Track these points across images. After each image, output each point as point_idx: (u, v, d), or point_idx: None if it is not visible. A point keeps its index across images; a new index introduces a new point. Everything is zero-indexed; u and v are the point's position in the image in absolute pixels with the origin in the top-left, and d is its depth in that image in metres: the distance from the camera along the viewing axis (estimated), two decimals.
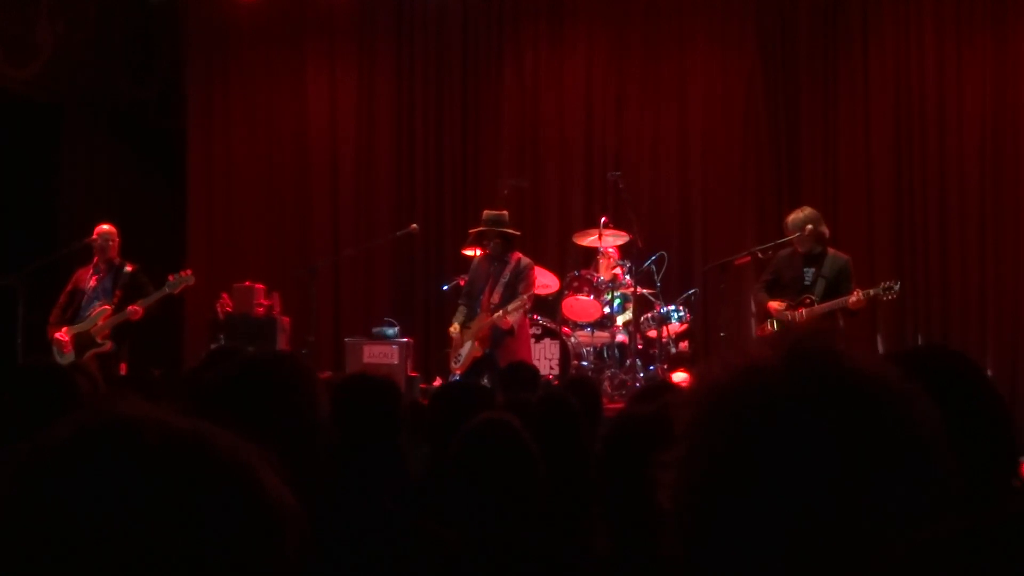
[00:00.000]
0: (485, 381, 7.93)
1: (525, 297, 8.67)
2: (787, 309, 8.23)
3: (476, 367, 8.63)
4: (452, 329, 8.92)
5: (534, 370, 6.37)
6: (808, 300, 8.21)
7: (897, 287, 8.27)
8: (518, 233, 9.05)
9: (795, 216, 8.49)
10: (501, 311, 8.61)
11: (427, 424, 4.25)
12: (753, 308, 10.62)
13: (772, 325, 8.31)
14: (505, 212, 9.06)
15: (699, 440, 1.04)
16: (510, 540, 2.84)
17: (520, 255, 8.98)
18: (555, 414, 3.97)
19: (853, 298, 8.12)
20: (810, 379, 1.02)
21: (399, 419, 2.94)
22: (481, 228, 8.93)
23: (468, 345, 8.76)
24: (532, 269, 8.98)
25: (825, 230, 8.43)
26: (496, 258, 8.85)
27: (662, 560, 1.06)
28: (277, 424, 1.99)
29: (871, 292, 8.18)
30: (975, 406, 1.91)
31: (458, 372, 8.74)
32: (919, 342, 10.62)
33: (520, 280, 8.79)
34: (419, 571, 2.74)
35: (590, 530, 3.15)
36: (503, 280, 8.76)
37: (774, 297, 8.38)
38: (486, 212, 9.07)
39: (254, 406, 2.10)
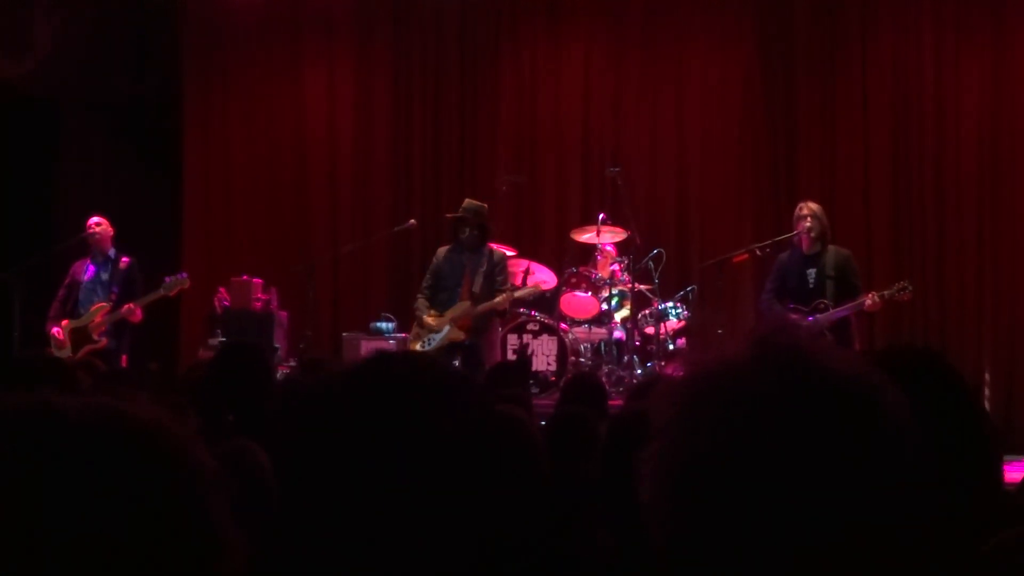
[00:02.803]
0: (456, 364, 7.93)
1: (534, 286, 8.82)
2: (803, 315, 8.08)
3: (451, 350, 8.51)
4: (429, 319, 8.70)
5: (525, 366, 6.40)
6: (822, 305, 8.14)
7: (910, 286, 8.25)
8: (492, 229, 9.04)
9: (815, 207, 8.43)
10: (503, 296, 8.61)
11: None
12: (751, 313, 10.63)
13: None
14: (485, 205, 9.00)
15: (670, 436, 1.06)
16: (512, 533, 2.85)
17: (493, 246, 8.95)
18: (565, 418, 3.98)
19: (869, 301, 8.08)
20: (777, 373, 1.04)
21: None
22: (461, 215, 8.85)
23: (446, 329, 8.65)
24: (507, 261, 9.00)
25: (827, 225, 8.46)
26: (471, 249, 8.77)
27: (655, 558, 1.07)
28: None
29: (886, 293, 8.14)
30: (949, 403, 1.91)
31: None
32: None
33: (500, 272, 8.76)
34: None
35: (592, 525, 3.15)
36: (481, 270, 8.71)
37: (783, 303, 8.30)
38: (467, 201, 9.03)
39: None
